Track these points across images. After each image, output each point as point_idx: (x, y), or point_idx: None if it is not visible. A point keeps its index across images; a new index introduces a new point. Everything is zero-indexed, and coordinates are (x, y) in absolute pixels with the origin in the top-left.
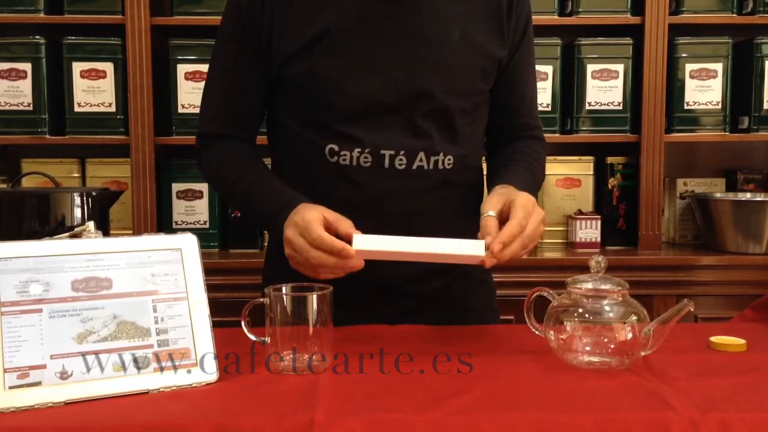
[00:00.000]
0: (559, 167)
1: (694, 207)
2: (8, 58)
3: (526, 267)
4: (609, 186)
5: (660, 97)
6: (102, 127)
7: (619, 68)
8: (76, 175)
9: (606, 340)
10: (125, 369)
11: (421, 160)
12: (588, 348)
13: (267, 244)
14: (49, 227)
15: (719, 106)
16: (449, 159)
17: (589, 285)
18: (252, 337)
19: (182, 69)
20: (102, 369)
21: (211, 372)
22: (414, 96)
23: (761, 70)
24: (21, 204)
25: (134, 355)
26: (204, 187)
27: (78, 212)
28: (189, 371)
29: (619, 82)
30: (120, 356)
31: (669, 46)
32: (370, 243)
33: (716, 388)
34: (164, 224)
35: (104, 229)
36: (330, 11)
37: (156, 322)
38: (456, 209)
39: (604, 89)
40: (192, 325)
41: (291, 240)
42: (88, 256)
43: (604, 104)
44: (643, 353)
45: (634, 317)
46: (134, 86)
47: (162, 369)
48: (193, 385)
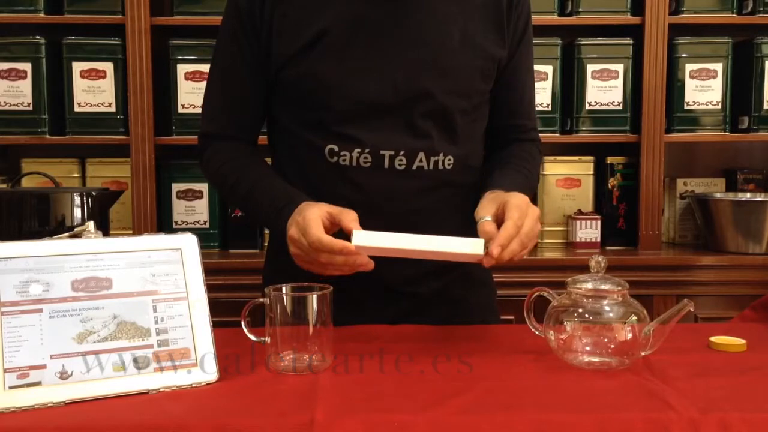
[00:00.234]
0: (559, 167)
1: (694, 207)
2: (8, 58)
3: (526, 267)
4: (609, 186)
5: (660, 97)
6: (102, 127)
7: (619, 68)
8: (76, 175)
9: (606, 340)
10: (125, 369)
11: (421, 161)
12: (588, 348)
13: (267, 244)
14: (49, 227)
15: (719, 106)
16: (449, 159)
17: (589, 285)
18: (252, 337)
19: (182, 69)
20: (102, 369)
21: (211, 372)
22: (414, 96)
23: (761, 70)
24: (21, 204)
25: (134, 355)
26: (204, 187)
27: (78, 212)
28: (189, 371)
29: (619, 82)
30: (120, 356)
31: (669, 46)
32: (370, 239)
33: (716, 388)
34: (164, 224)
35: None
36: (329, 12)
37: (156, 322)
38: (456, 209)
39: (604, 89)
40: (192, 325)
41: (295, 239)
42: (88, 256)
43: (604, 104)
44: (643, 353)
45: (634, 317)
46: (134, 86)
47: (162, 369)
48: (193, 385)
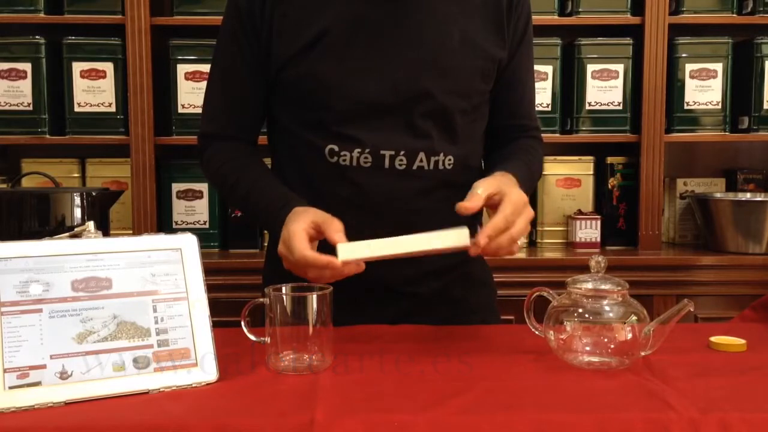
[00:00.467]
0: (559, 167)
1: (694, 207)
2: (8, 58)
3: (526, 267)
4: (609, 186)
5: (660, 97)
6: (102, 127)
7: (619, 68)
8: (76, 175)
9: (606, 340)
10: (125, 369)
11: (422, 161)
12: (588, 348)
13: (267, 244)
14: (49, 227)
15: (719, 106)
16: (449, 159)
17: (589, 285)
18: (252, 337)
19: (182, 69)
20: (102, 369)
21: (211, 372)
22: (413, 96)
23: (761, 70)
24: (21, 204)
25: (134, 355)
26: (204, 187)
27: (78, 212)
28: (189, 371)
29: (619, 82)
30: (120, 356)
31: (669, 46)
32: (355, 251)
33: (716, 388)
34: (164, 224)
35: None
36: (329, 12)
37: (156, 322)
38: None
39: (604, 89)
40: (192, 325)
41: (284, 254)
42: (88, 256)
43: (604, 104)
44: (643, 353)
45: (634, 317)
46: (134, 86)
47: (162, 369)
48: (193, 385)
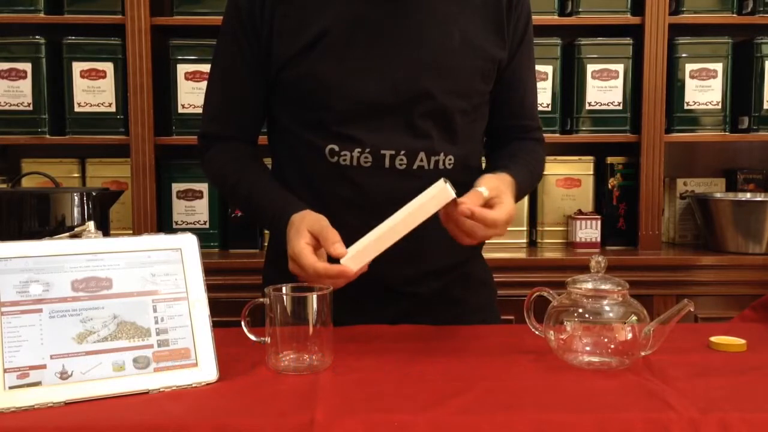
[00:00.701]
0: (559, 167)
1: (694, 207)
2: (8, 58)
3: (526, 267)
4: (609, 186)
5: (660, 97)
6: (102, 127)
7: (619, 68)
8: (76, 175)
9: (606, 340)
10: (125, 369)
11: (422, 160)
12: (588, 348)
13: (267, 245)
14: (49, 227)
15: (719, 106)
16: (449, 159)
17: (589, 285)
18: (252, 337)
19: (182, 69)
20: (102, 369)
21: (211, 372)
22: (413, 96)
23: (761, 70)
24: (21, 204)
25: (134, 355)
26: (204, 187)
27: (78, 212)
28: (189, 371)
29: (619, 82)
30: (120, 356)
31: (669, 46)
32: (360, 258)
33: (716, 388)
34: (164, 224)
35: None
36: (329, 12)
37: (156, 322)
38: None
39: (604, 89)
40: (192, 325)
41: (296, 273)
42: (88, 256)
43: (604, 104)
44: (643, 353)
45: (634, 317)
46: (134, 86)
47: (162, 369)
48: (193, 385)
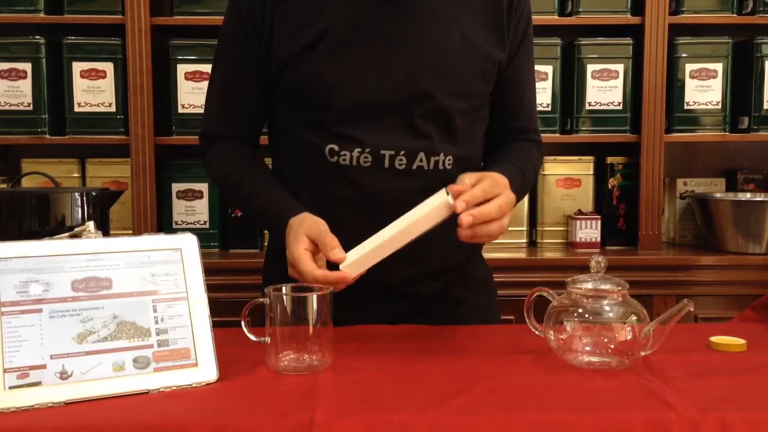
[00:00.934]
0: (559, 167)
1: (694, 207)
2: (8, 58)
3: (526, 267)
4: (609, 186)
5: (660, 97)
6: (102, 127)
7: (619, 68)
8: (76, 175)
9: (606, 340)
10: (125, 369)
11: (421, 160)
12: (588, 348)
13: (267, 245)
14: (49, 227)
15: (719, 106)
16: (449, 159)
17: (589, 285)
18: (252, 337)
19: (182, 69)
20: (102, 369)
21: (211, 372)
22: (413, 97)
23: (761, 70)
24: (21, 204)
25: (134, 355)
26: (204, 187)
27: (78, 212)
28: (189, 371)
29: (619, 82)
30: (120, 356)
31: (669, 46)
32: (358, 263)
33: (716, 388)
34: (164, 224)
35: (104, 229)
36: (329, 12)
37: (156, 322)
38: None
39: (604, 89)
40: (192, 325)
41: (293, 275)
42: (88, 256)
43: (604, 104)
44: (643, 353)
45: (634, 317)
46: (134, 86)
47: (162, 369)
48: (193, 385)
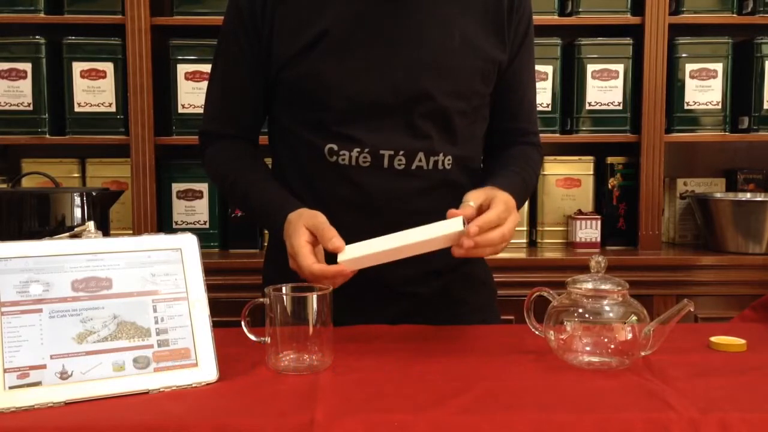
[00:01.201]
0: (559, 167)
1: (694, 207)
2: (8, 58)
3: (526, 267)
4: (609, 186)
5: (660, 97)
6: (102, 127)
7: (619, 68)
8: (76, 175)
9: (606, 340)
10: (125, 369)
11: (421, 161)
12: (588, 348)
13: (267, 245)
14: (49, 227)
15: (719, 106)
16: (449, 159)
17: (589, 285)
18: (252, 337)
19: (182, 69)
20: (102, 369)
21: (211, 372)
22: (413, 97)
23: (761, 70)
24: (21, 204)
25: (134, 355)
26: (204, 187)
27: (78, 212)
28: (189, 371)
29: (619, 82)
30: (120, 356)
31: (669, 46)
32: (357, 262)
33: (716, 388)
34: (164, 224)
35: (104, 229)
36: (329, 12)
37: (156, 322)
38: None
39: (604, 89)
40: (192, 325)
41: (292, 267)
42: (88, 256)
43: (604, 104)
44: (643, 353)
45: (634, 317)
46: (134, 86)
47: (162, 369)
48: (193, 385)
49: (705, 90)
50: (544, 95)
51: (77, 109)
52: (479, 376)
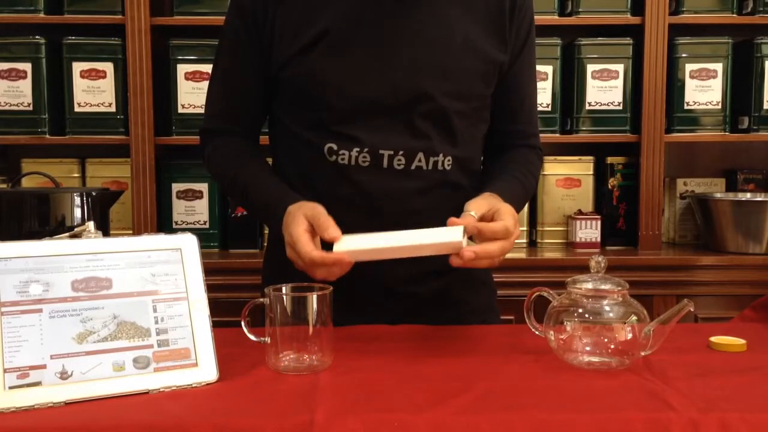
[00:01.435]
0: (559, 167)
1: (694, 207)
2: (8, 58)
3: (526, 267)
4: (609, 186)
5: (660, 97)
6: (102, 127)
7: (619, 68)
8: (76, 175)
9: (606, 340)
10: (125, 369)
11: (420, 161)
12: (588, 348)
13: (267, 244)
14: (49, 227)
15: (719, 106)
16: (448, 160)
17: (589, 285)
18: (252, 337)
19: (182, 69)
20: (102, 369)
21: (211, 372)
22: (413, 97)
23: (761, 70)
24: (21, 204)
25: (134, 355)
26: (204, 187)
27: (78, 212)
28: (189, 371)
29: (619, 82)
30: (120, 356)
31: (669, 46)
32: (353, 255)
33: (716, 388)
34: (164, 224)
35: (104, 229)
36: (330, 12)
37: (156, 322)
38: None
39: (604, 89)
40: (192, 325)
41: (293, 259)
42: (88, 256)
43: (604, 104)
44: (643, 353)
45: (634, 317)
46: (134, 86)
47: (162, 369)
48: (193, 385)
49: (705, 90)
50: (544, 95)
51: (77, 109)
52: (479, 376)
